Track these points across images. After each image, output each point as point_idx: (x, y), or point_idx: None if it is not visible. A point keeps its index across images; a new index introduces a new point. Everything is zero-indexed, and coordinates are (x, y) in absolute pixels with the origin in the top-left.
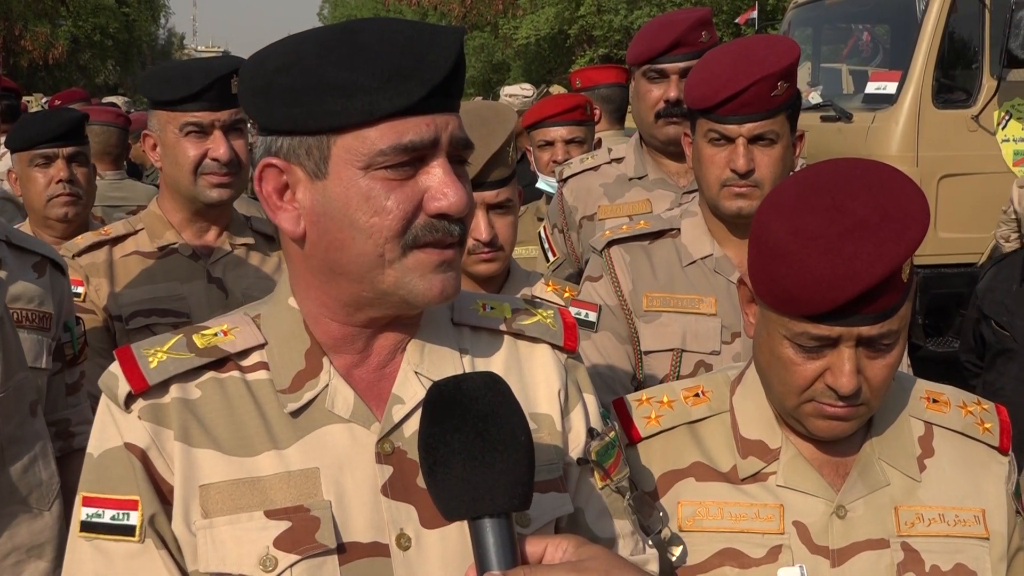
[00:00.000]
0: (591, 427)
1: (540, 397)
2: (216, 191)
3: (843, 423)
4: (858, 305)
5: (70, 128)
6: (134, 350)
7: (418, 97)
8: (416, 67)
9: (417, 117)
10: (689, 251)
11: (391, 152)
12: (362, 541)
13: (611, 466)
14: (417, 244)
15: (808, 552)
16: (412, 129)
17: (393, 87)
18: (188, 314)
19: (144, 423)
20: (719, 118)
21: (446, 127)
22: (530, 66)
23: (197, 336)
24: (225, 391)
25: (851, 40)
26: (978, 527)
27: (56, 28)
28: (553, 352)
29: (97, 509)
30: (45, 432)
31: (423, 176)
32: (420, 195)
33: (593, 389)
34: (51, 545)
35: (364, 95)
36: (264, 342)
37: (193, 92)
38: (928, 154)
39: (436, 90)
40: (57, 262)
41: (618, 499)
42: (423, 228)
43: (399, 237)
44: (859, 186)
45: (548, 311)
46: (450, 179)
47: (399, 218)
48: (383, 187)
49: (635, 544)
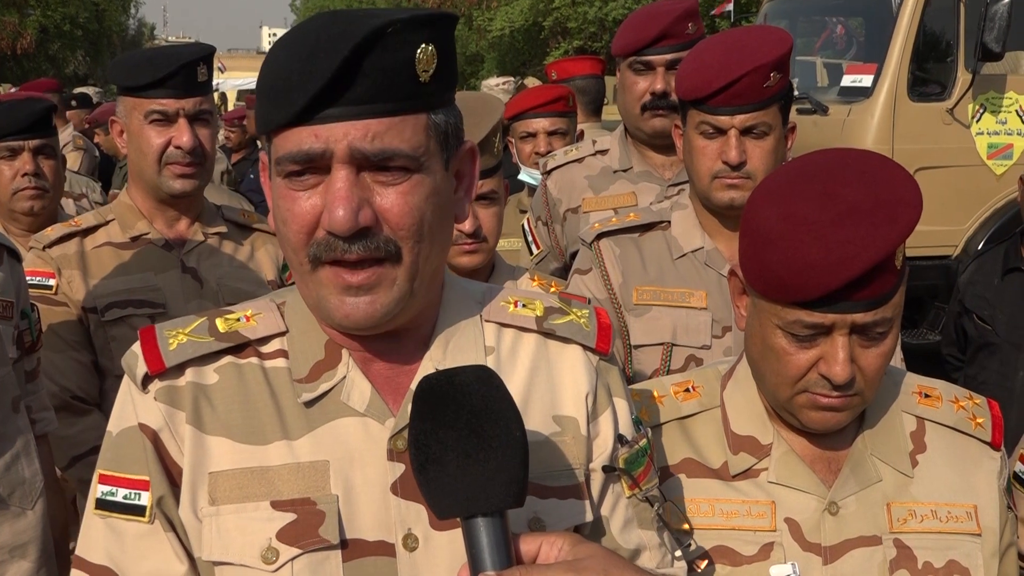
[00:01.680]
0: (620, 433)
1: (566, 399)
2: (179, 181)
3: (837, 414)
4: (851, 291)
5: (36, 120)
6: (157, 331)
7: (296, 109)
8: (301, 76)
9: (308, 127)
10: (680, 244)
11: (285, 161)
12: (367, 539)
13: (640, 475)
14: (321, 260)
15: (800, 549)
16: (303, 140)
17: (279, 97)
18: (164, 304)
19: (159, 404)
20: (711, 109)
21: (343, 138)
22: (504, 58)
23: (220, 320)
24: (242, 377)
25: (824, 33)
26: (970, 523)
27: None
28: (585, 353)
29: (111, 487)
30: (28, 428)
31: (324, 188)
32: (321, 208)
33: (626, 394)
34: (34, 545)
35: (265, 105)
36: (285, 330)
37: (158, 78)
38: (903, 147)
39: (319, 100)
40: (12, 249)
41: (646, 509)
42: (319, 244)
43: (303, 248)
44: (851, 173)
45: (583, 310)
46: (342, 194)
47: (296, 230)
48: (288, 196)
49: (662, 557)
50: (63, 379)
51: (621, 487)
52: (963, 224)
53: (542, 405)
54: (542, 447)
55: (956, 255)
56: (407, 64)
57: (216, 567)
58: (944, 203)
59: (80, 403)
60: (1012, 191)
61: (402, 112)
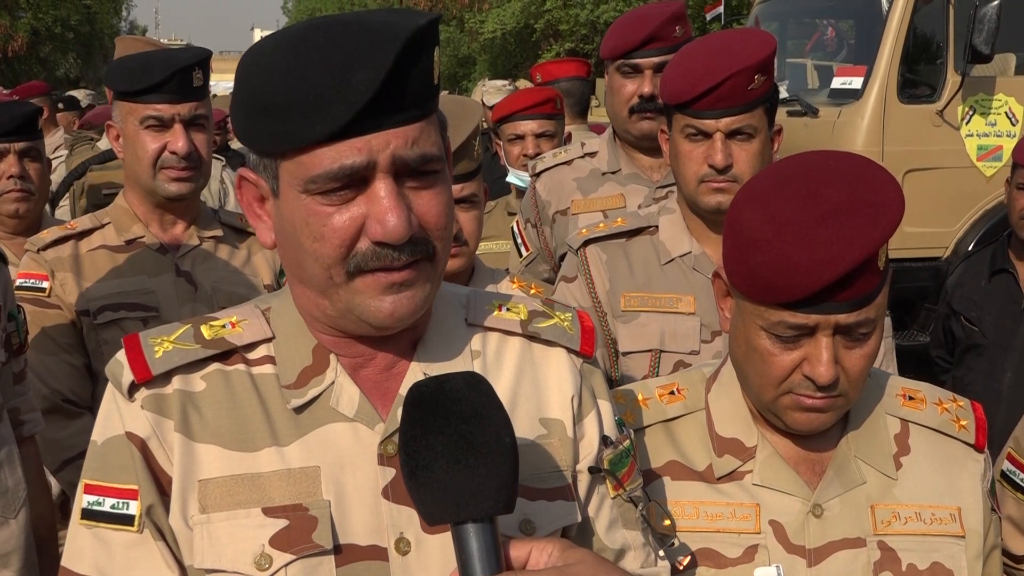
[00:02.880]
0: (604, 435)
1: (552, 402)
2: (175, 185)
3: (821, 415)
4: (834, 292)
5: (22, 123)
6: (141, 339)
7: (341, 124)
8: (341, 89)
9: (347, 141)
10: (667, 249)
11: (322, 179)
12: (360, 544)
13: (624, 475)
14: (361, 270)
15: (784, 552)
16: (345, 154)
17: (317, 113)
18: (157, 308)
19: (146, 412)
20: (696, 113)
21: (385, 147)
22: (496, 60)
23: (205, 327)
24: (230, 384)
25: (815, 35)
26: (954, 525)
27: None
28: (569, 356)
29: (98, 497)
30: (11, 437)
31: (364, 199)
32: (362, 220)
33: (609, 396)
34: (17, 555)
35: (291, 121)
36: (272, 336)
37: (153, 84)
38: (893, 149)
39: (363, 113)
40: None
41: (630, 509)
42: (365, 255)
43: (342, 263)
44: (833, 175)
45: (566, 314)
46: (390, 203)
47: (336, 245)
48: (321, 212)
49: (646, 556)
50: (55, 382)
51: (606, 488)
52: (953, 226)
53: (528, 408)
54: (530, 449)
55: (946, 257)
56: (429, 67)
57: (208, 575)
58: (934, 205)
59: (72, 406)
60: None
61: (427, 115)
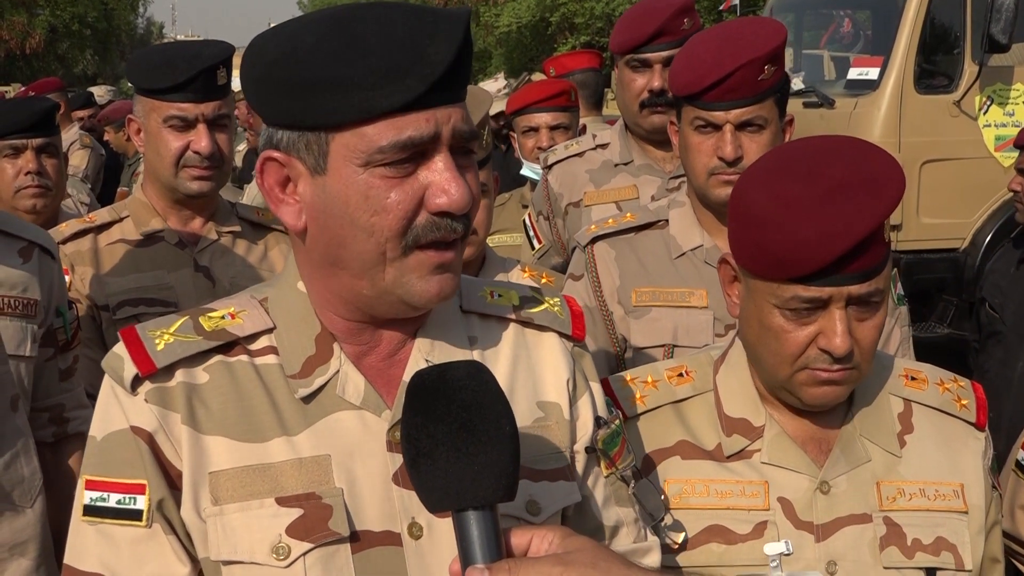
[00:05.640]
0: (597, 415)
1: (548, 385)
2: (196, 183)
3: (837, 387)
4: (845, 264)
5: (40, 119)
6: (140, 331)
7: (416, 94)
8: (415, 62)
9: (416, 113)
10: (678, 242)
11: (389, 150)
12: (374, 530)
13: (616, 454)
14: (419, 244)
15: (793, 527)
16: (411, 125)
17: (391, 84)
18: (175, 303)
19: (151, 406)
20: (705, 105)
21: (448, 120)
22: (512, 54)
23: (204, 318)
24: (234, 375)
25: (831, 26)
26: (957, 501)
27: (33, 17)
28: (561, 340)
29: (101, 493)
30: (27, 428)
31: (424, 172)
32: (422, 192)
33: (598, 378)
34: (34, 543)
35: (360, 92)
36: (273, 326)
37: (178, 83)
38: (910, 139)
39: (436, 85)
40: (46, 247)
41: (622, 487)
42: (425, 227)
43: (400, 236)
44: (834, 154)
45: (555, 299)
46: (452, 175)
47: (399, 217)
48: (383, 185)
49: (638, 532)
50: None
51: (600, 467)
52: (970, 217)
53: (526, 392)
54: (530, 432)
55: (964, 248)
56: (467, 56)
57: (224, 567)
58: (951, 196)
59: (93, 400)
60: None
61: (466, 94)
